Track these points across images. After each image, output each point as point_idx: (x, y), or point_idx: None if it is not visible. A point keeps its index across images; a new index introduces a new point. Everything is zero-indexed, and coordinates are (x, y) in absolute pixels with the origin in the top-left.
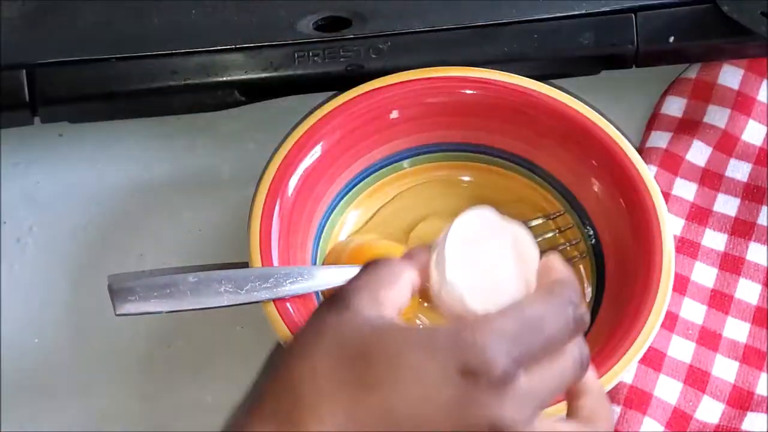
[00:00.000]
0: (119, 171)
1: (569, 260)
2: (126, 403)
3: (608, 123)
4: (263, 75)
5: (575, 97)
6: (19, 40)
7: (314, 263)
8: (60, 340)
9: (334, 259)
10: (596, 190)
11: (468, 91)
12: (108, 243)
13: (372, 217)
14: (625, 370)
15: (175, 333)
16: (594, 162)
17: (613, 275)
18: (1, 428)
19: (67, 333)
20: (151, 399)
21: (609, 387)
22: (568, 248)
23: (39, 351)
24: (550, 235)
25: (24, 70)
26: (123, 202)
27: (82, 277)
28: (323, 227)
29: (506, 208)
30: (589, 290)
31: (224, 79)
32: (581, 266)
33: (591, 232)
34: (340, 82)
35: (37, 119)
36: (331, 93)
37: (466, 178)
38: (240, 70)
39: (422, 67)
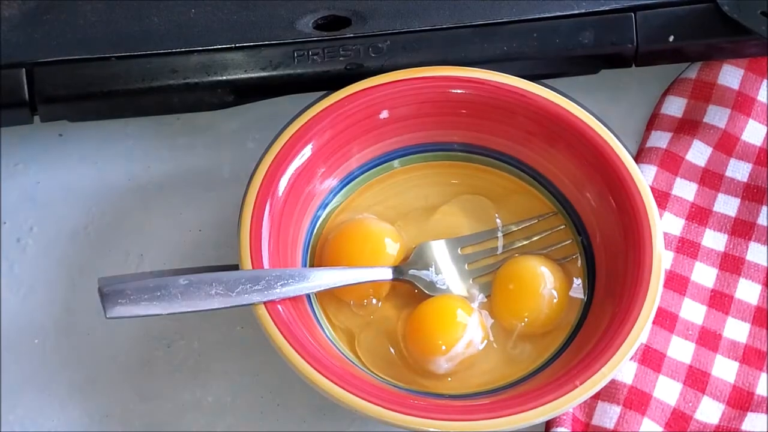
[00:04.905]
0: (119, 171)
1: (560, 260)
2: (126, 403)
3: (599, 122)
4: (263, 74)
5: (566, 97)
6: (19, 38)
7: (305, 264)
8: (60, 340)
9: (326, 234)
10: (587, 190)
11: (458, 91)
12: (108, 243)
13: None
14: (617, 368)
15: (175, 333)
16: (584, 161)
17: (604, 275)
18: (1, 428)
19: (67, 333)
20: (151, 399)
21: (602, 384)
22: (559, 248)
23: (39, 351)
24: (541, 235)
25: (23, 69)
26: (123, 202)
27: (82, 277)
28: (314, 227)
29: (497, 207)
30: (581, 290)
31: (224, 78)
32: (573, 266)
33: (582, 232)
34: (339, 81)
35: (36, 118)
36: (322, 93)
37: (456, 180)
38: (239, 69)
39: (422, 66)
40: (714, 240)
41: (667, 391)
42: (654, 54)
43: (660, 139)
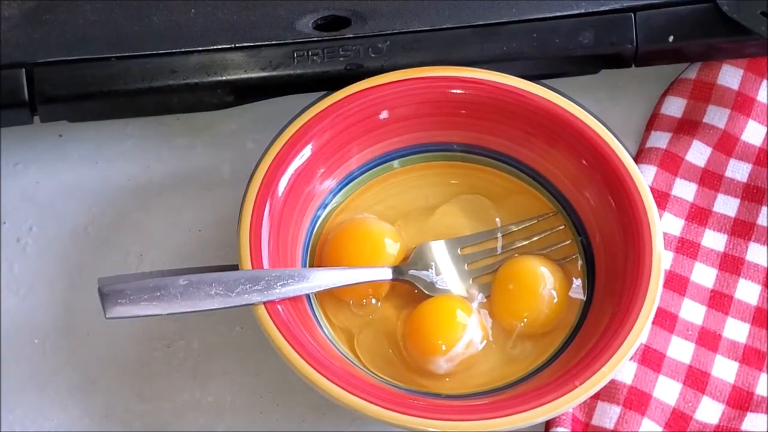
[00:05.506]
0: (119, 171)
1: (560, 260)
2: (126, 403)
3: (598, 122)
4: (262, 74)
5: (566, 97)
6: (19, 38)
7: (305, 264)
8: (60, 340)
9: (326, 234)
10: (586, 190)
11: (457, 91)
12: (108, 243)
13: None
14: (617, 368)
15: (175, 333)
16: (584, 162)
17: (603, 275)
18: (1, 428)
19: (67, 333)
20: (151, 399)
21: (601, 385)
22: (558, 248)
23: (39, 351)
24: (541, 235)
25: (23, 69)
26: (123, 202)
27: (82, 277)
28: (314, 227)
29: (497, 207)
30: (581, 290)
31: (223, 78)
32: (572, 266)
33: (582, 232)
34: (339, 82)
35: (36, 118)
36: (322, 93)
37: (456, 180)
38: (239, 69)
39: (421, 66)
40: (714, 240)
41: (667, 391)
42: (654, 54)
43: (660, 140)
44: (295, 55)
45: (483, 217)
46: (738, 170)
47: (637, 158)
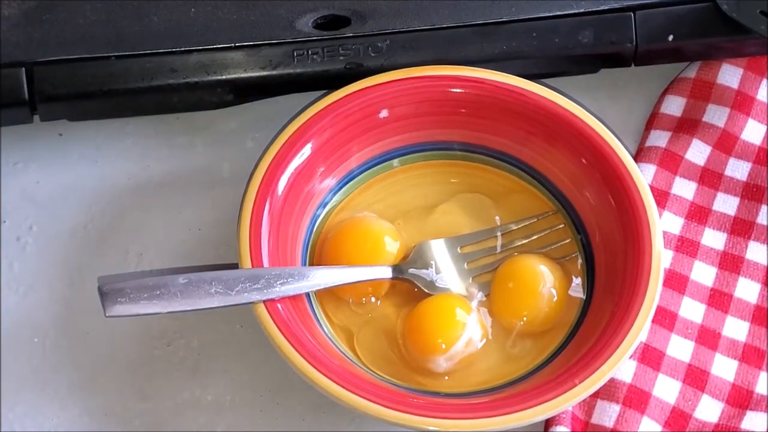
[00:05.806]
0: (119, 170)
1: (560, 259)
2: (126, 401)
3: (598, 121)
4: (262, 73)
5: (566, 96)
6: (18, 37)
7: (305, 262)
8: (60, 338)
9: (325, 233)
10: (586, 189)
11: (457, 90)
12: (108, 242)
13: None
14: (616, 367)
15: (174, 331)
16: (584, 161)
17: (603, 273)
18: (1, 428)
19: (67, 333)
20: (151, 398)
21: (601, 383)
22: (558, 247)
23: (39, 350)
24: (540, 234)
25: (23, 68)
26: (123, 202)
27: (82, 277)
28: (313, 226)
29: (496, 206)
30: (580, 288)
31: (223, 77)
32: (572, 265)
33: (581, 231)
34: (339, 81)
35: (36, 117)
36: (322, 92)
37: (455, 179)
38: (239, 68)
39: (421, 65)
40: (713, 239)
41: (667, 389)
42: (653, 53)
43: (659, 138)
44: (295, 54)
45: (483, 215)
46: (738, 169)
47: (637, 157)
